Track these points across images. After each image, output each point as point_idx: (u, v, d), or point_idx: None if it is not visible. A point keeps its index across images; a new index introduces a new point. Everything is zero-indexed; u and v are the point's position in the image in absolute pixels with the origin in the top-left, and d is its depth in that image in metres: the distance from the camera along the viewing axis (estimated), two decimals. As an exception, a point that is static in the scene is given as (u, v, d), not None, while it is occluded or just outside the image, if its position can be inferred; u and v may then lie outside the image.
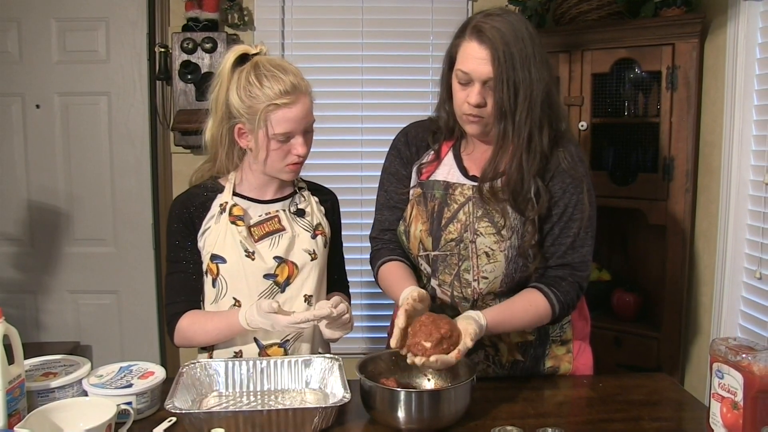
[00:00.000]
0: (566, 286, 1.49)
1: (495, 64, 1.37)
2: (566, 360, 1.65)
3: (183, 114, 2.93)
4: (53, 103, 3.05)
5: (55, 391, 1.33)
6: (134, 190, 3.12)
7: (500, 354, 1.60)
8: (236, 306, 1.55)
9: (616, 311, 2.77)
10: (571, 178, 1.48)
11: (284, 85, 1.45)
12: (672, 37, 2.47)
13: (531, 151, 1.44)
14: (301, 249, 1.58)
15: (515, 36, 1.37)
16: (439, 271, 1.55)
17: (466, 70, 1.41)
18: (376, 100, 3.10)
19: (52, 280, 3.14)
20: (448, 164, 1.58)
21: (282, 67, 1.49)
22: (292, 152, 1.51)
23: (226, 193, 1.58)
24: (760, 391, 1.13)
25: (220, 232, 1.55)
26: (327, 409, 1.27)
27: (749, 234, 2.27)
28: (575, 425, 1.33)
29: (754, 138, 2.25)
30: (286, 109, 1.46)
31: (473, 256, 1.51)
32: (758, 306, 2.20)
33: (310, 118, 1.52)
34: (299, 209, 1.63)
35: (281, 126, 1.47)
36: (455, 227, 1.52)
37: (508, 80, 1.37)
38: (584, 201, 1.49)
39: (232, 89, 1.49)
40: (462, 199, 1.53)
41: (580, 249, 1.49)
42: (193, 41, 2.92)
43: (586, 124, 2.67)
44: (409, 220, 1.59)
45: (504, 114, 1.40)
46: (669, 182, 2.51)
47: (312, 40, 3.10)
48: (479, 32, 1.39)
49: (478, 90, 1.41)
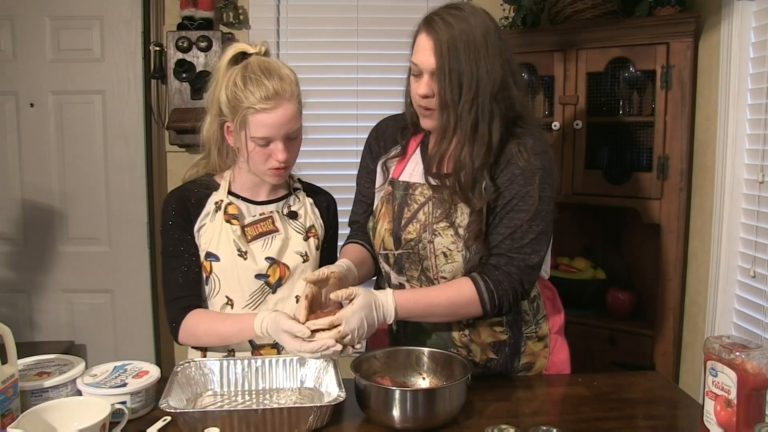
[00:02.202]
0: (499, 276, 1.45)
1: (437, 54, 1.39)
2: (542, 355, 1.63)
3: (178, 113, 2.93)
4: (47, 101, 3.04)
5: (49, 391, 1.33)
6: (129, 189, 3.11)
7: (473, 354, 1.58)
8: (228, 305, 1.55)
9: (611, 310, 2.77)
10: (521, 170, 1.45)
11: (265, 90, 1.43)
12: (666, 36, 2.47)
13: (476, 141, 1.43)
14: (293, 251, 1.58)
15: (464, 29, 1.38)
16: (406, 267, 1.55)
17: (416, 61, 1.44)
18: (372, 99, 3.10)
19: (46, 280, 3.13)
20: (415, 161, 1.59)
21: (269, 70, 1.46)
22: (272, 157, 1.50)
23: (222, 192, 1.58)
24: (753, 389, 1.14)
25: (215, 231, 1.54)
26: (322, 408, 1.27)
27: (743, 232, 2.28)
28: (570, 423, 1.33)
29: (747, 137, 2.26)
30: (265, 114, 1.44)
31: (431, 256, 1.51)
32: (752, 304, 2.20)
33: (293, 125, 1.48)
34: (292, 211, 1.62)
35: (259, 130, 1.45)
36: (414, 227, 1.52)
37: (451, 71, 1.38)
38: (533, 194, 1.44)
39: (222, 87, 1.49)
40: (422, 199, 1.53)
41: (520, 240, 1.45)
42: (188, 40, 2.92)
43: (580, 123, 2.67)
44: (377, 217, 1.60)
45: (446, 105, 1.41)
46: (663, 181, 2.52)
47: (307, 38, 3.10)
48: (428, 24, 1.43)
49: (426, 81, 1.42)
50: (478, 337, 1.57)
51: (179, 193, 1.59)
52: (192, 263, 1.56)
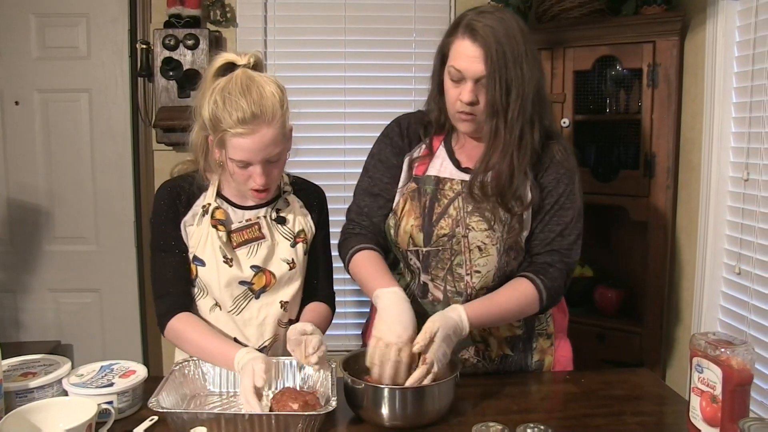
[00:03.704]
0: (554, 272, 1.50)
1: (488, 62, 1.38)
2: (549, 353, 1.66)
3: (165, 111, 2.91)
4: (33, 99, 3.01)
5: (34, 392, 1.31)
6: (116, 188, 3.09)
7: (490, 349, 1.60)
8: (217, 306, 1.54)
9: (599, 307, 2.79)
10: (565, 169, 1.52)
11: (243, 113, 1.36)
12: (652, 34, 2.49)
13: (522, 148, 1.45)
14: (279, 258, 1.56)
15: (507, 34, 1.38)
16: (432, 266, 1.55)
17: (459, 68, 1.41)
18: (359, 97, 3.10)
19: (32, 279, 3.10)
20: (441, 157, 1.59)
21: (250, 90, 1.39)
22: (251, 179, 1.45)
23: (210, 195, 1.56)
24: (738, 385, 1.15)
25: (201, 235, 1.52)
26: (312, 417, 1.24)
27: (729, 230, 2.30)
28: (558, 420, 1.34)
29: (733, 135, 2.27)
30: (241, 138, 1.38)
31: (465, 250, 1.51)
32: (737, 301, 2.22)
33: (271, 150, 1.41)
34: (280, 216, 1.59)
35: (236, 153, 1.41)
36: (446, 222, 1.52)
37: (501, 79, 1.38)
38: (576, 192, 1.52)
39: (205, 101, 1.43)
40: (452, 194, 1.53)
41: (568, 237, 1.51)
42: (175, 38, 2.89)
43: (568, 121, 2.68)
44: (400, 215, 1.57)
45: (496, 112, 1.41)
46: (650, 179, 2.53)
47: (295, 37, 3.09)
48: (472, 30, 1.40)
49: (471, 88, 1.41)
50: (497, 331, 1.59)
51: (171, 187, 1.56)
52: (182, 258, 1.53)
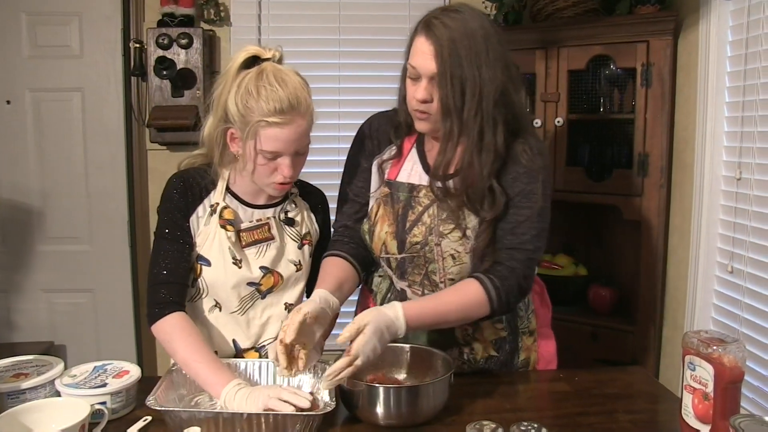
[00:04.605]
0: (503, 271, 1.43)
1: (438, 60, 1.36)
2: (533, 349, 1.64)
3: (158, 110, 2.90)
4: (24, 99, 3.01)
5: (27, 393, 1.31)
6: (109, 188, 3.08)
7: (475, 352, 1.59)
8: (216, 307, 1.53)
9: (593, 306, 2.79)
10: (525, 169, 1.45)
11: (281, 103, 1.36)
12: (646, 34, 2.50)
13: (484, 149, 1.41)
14: (287, 260, 1.55)
15: (466, 33, 1.36)
16: (408, 272, 1.54)
17: (414, 64, 1.41)
18: (354, 96, 3.10)
19: (24, 279, 3.09)
20: (412, 161, 1.56)
21: (285, 81, 1.38)
22: (278, 172, 1.44)
23: (218, 193, 1.53)
24: (729, 382, 1.15)
25: (209, 234, 1.50)
26: (310, 417, 1.24)
27: (721, 229, 2.31)
28: (551, 419, 1.34)
29: (725, 134, 2.28)
30: (278, 128, 1.37)
31: (439, 258, 1.50)
32: (730, 299, 2.23)
33: (304, 140, 1.43)
34: (289, 218, 1.58)
35: (269, 144, 1.39)
36: (420, 230, 1.50)
37: (453, 77, 1.35)
38: (536, 192, 1.45)
39: (232, 93, 1.41)
40: (427, 201, 1.51)
41: (521, 235, 1.45)
42: (168, 37, 2.89)
43: (562, 120, 2.69)
44: (374, 220, 1.56)
45: (449, 111, 1.39)
46: (644, 178, 2.54)
47: (289, 36, 3.08)
48: (428, 28, 1.39)
49: (425, 86, 1.40)
50: (481, 335, 1.57)
51: (184, 179, 1.52)
52: (185, 251, 1.49)
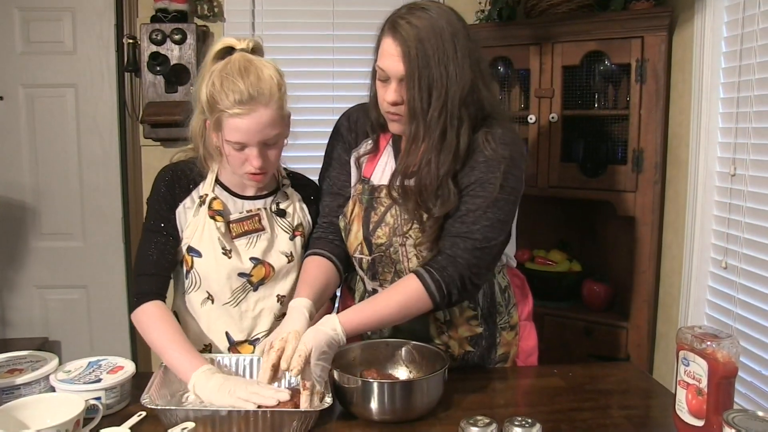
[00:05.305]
0: (442, 261, 1.39)
1: (406, 61, 1.33)
2: (514, 344, 1.63)
3: (152, 106, 2.89)
4: (17, 95, 2.99)
5: (21, 388, 1.31)
6: (103, 184, 3.07)
7: (451, 349, 1.57)
8: (209, 299, 1.54)
9: (586, 302, 2.80)
10: (485, 158, 1.40)
11: (240, 94, 1.36)
12: (641, 30, 2.50)
13: (444, 149, 1.38)
14: (278, 251, 1.56)
15: (433, 32, 1.33)
16: (379, 272, 1.53)
17: (382, 67, 1.39)
18: (348, 92, 3.09)
19: (18, 276, 3.08)
20: (386, 158, 1.55)
21: (248, 71, 1.39)
22: (248, 162, 1.44)
23: (208, 185, 1.55)
24: (723, 377, 1.16)
25: (198, 225, 1.51)
26: (307, 414, 1.24)
27: (715, 224, 2.31)
28: (545, 414, 1.34)
29: (720, 130, 2.29)
30: (238, 119, 1.38)
31: (404, 259, 1.49)
32: (724, 295, 2.24)
33: (268, 132, 1.41)
34: (280, 209, 1.59)
35: (232, 135, 1.40)
36: (383, 231, 1.49)
37: (421, 78, 1.33)
38: (494, 182, 1.39)
39: (203, 84, 1.43)
40: (388, 201, 1.49)
41: (471, 225, 1.39)
42: (162, 32, 2.88)
43: (556, 116, 2.69)
44: (350, 218, 1.55)
45: (416, 114, 1.36)
46: (638, 174, 2.54)
47: (283, 31, 3.08)
48: (394, 28, 1.36)
49: (395, 87, 1.38)
50: (455, 333, 1.56)
51: (173, 171, 1.55)
52: (169, 243, 1.52)
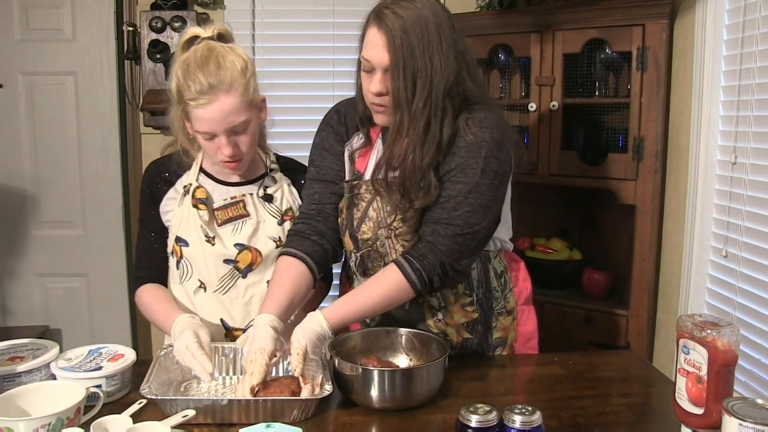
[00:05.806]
0: (422, 249, 1.39)
1: (391, 51, 1.33)
2: (512, 328, 1.62)
3: (152, 94, 2.88)
4: (17, 82, 2.98)
5: (22, 376, 1.31)
6: (103, 172, 3.07)
7: (449, 337, 1.56)
8: (201, 288, 1.55)
9: (587, 290, 2.80)
10: (466, 144, 1.39)
11: (199, 84, 1.38)
12: (642, 17, 2.48)
13: (427, 141, 1.37)
14: (266, 236, 1.56)
15: (418, 22, 1.32)
16: (370, 267, 1.53)
17: (367, 57, 1.39)
18: (349, 80, 3.06)
19: (18, 264, 3.08)
20: (377, 151, 1.54)
21: (208, 60, 1.40)
22: (219, 151, 1.46)
23: (192, 174, 1.57)
24: (723, 366, 1.16)
25: (183, 215, 1.53)
26: (307, 402, 1.25)
27: (716, 213, 2.31)
28: (545, 402, 1.35)
29: (721, 118, 2.28)
30: (201, 109, 1.39)
31: (392, 251, 1.49)
32: (724, 283, 2.24)
33: (234, 119, 1.42)
34: (267, 194, 1.59)
35: (198, 124, 1.42)
36: (368, 226, 1.49)
37: (405, 68, 1.32)
38: (475, 167, 1.38)
39: (173, 76, 1.45)
40: (369, 196, 1.49)
41: (452, 211, 1.38)
42: (161, 20, 2.86)
43: (557, 104, 2.68)
44: (343, 215, 1.55)
45: (400, 104, 1.35)
46: (639, 162, 2.54)
47: (283, 19, 3.06)
48: (379, 18, 1.36)
49: (379, 78, 1.37)
50: (451, 320, 1.56)
51: (156, 166, 1.63)
52: (152, 237, 1.60)
